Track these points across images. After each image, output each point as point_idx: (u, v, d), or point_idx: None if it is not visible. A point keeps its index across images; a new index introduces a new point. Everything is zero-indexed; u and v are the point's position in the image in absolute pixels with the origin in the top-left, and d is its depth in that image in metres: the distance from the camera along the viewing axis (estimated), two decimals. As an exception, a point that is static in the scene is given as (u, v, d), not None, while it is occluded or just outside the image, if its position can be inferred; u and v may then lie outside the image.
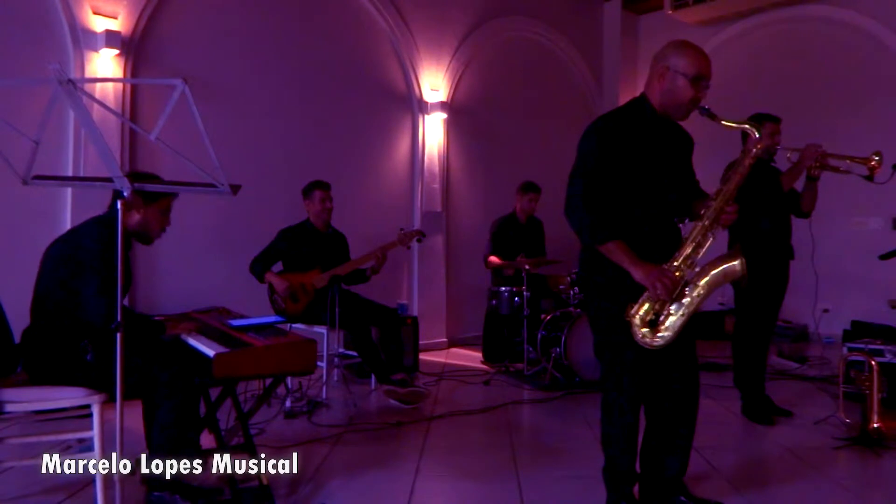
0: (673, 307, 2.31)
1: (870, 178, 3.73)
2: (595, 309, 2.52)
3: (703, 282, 2.34)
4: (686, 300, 2.32)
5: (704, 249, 2.36)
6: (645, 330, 2.32)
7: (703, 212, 2.39)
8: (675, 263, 2.33)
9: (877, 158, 3.67)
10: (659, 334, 2.31)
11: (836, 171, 3.85)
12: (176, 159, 1.96)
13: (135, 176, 2.42)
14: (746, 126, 2.43)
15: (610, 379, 2.46)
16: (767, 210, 3.80)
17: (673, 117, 2.46)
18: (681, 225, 2.49)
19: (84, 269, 2.49)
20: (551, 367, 4.83)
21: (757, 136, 2.41)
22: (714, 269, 2.36)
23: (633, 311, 2.33)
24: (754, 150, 2.42)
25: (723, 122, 2.43)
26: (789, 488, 2.88)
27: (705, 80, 2.37)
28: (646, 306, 2.32)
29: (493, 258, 5.51)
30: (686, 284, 2.32)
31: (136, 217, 2.67)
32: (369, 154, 6.09)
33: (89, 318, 2.47)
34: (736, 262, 2.35)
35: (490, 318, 5.71)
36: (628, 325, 2.37)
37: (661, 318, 2.32)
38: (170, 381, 2.46)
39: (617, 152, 2.34)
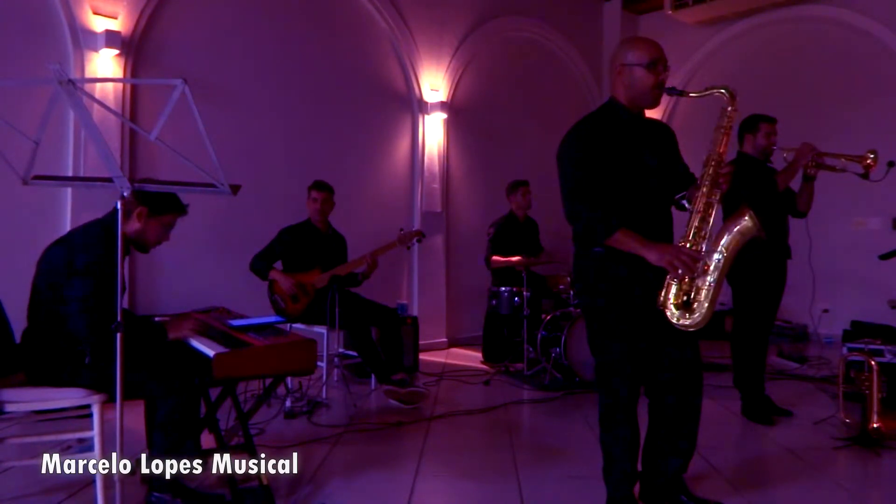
0: (700, 282, 2.31)
1: (865, 176, 3.73)
2: (589, 309, 2.52)
3: (720, 247, 2.34)
4: (710, 270, 2.32)
5: (712, 218, 2.36)
6: (679, 313, 2.32)
7: (699, 182, 2.41)
8: (688, 240, 2.34)
9: (872, 156, 3.68)
10: (695, 314, 2.31)
11: (832, 169, 3.85)
12: (176, 159, 1.96)
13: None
14: (714, 91, 2.45)
15: (606, 378, 2.47)
16: (763, 210, 3.79)
17: (645, 107, 2.50)
18: (685, 202, 2.48)
19: (73, 279, 2.44)
20: (551, 367, 4.83)
21: (727, 95, 2.43)
22: (727, 232, 2.37)
23: (662, 298, 2.33)
24: (729, 108, 2.44)
25: (691, 95, 2.51)
26: (789, 488, 2.88)
27: (661, 64, 2.41)
28: (673, 289, 2.32)
29: (496, 258, 5.49)
30: (705, 256, 2.32)
31: (135, 225, 2.62)
32: (369, 154, 6.09)
33: (73, 329, 2.44)
34: (745, 218, 2.35)
35: (490, 318, 5.71)
36: (622, 325, 2.38)
37: (693, 296, 2.32)
38: (170, 381, 2.45)
39: (596, 153, 2.37)
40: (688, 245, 2.33)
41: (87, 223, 2.67)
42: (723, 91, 2.43)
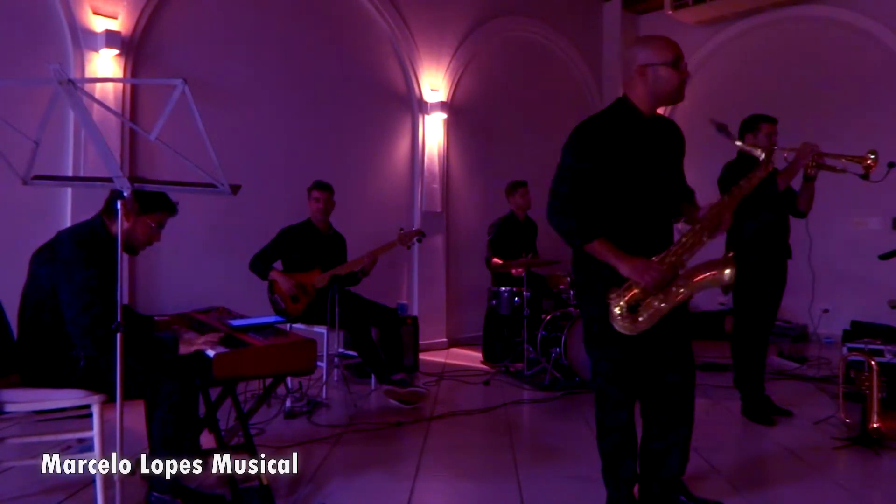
0: (655, 300, 2.32)
1: (865, 176, 3.73)
2: (586, 309, 2.52)
3: (690, 281, 2.35)
4: (670, 295, 2.33)
5: (695, 251, 2.38)
6: (624, 314, 2.33)
7: (700, 215, 2.43)
8: (667, 259, 2.34)
9: (872, 157, 3.68)
10: (636, 323, 2.32)
11: (832, 170, 3.85)
12: (176, 159, 1.96)
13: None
14: (757, 151, 2.58)
15: (601, 379, 2.47)
16: (764, 210, 3.80)
17: (670, 104, 2.53)
18: (676, 225, 2.51)
19: (62, 286, 2.39)
20: (551, 367, 4.83)
21: (762, 158, 2.51)
22: (704, 272, 2.37)
23: (614, 295, 2.33)
24: (758, 174, 2.52)
25: (737, 144, 2.64)
26: (789, 488, 2.88)
27: (682, 61, 2.42)
28: (632, 291, 2.33)
29: (496, 260, 5.50)
30: (674, 279, 2.33)
31: (124, 224, 2.48)
32: (369, 154, 6.09)
33: (72, 336, 2.41)
34: (727, 272, 2.35)
35: (490, 318, 5.71)
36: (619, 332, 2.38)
37: (643, 306, 2.33)
38: (169, 381, 2.45)
39: (600, 154, 2.36)
40: (664, 265, 2.33)
41: (74, 226, 2.64)
42: (762, 155, 2.53)
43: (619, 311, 2.32)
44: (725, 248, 3.77)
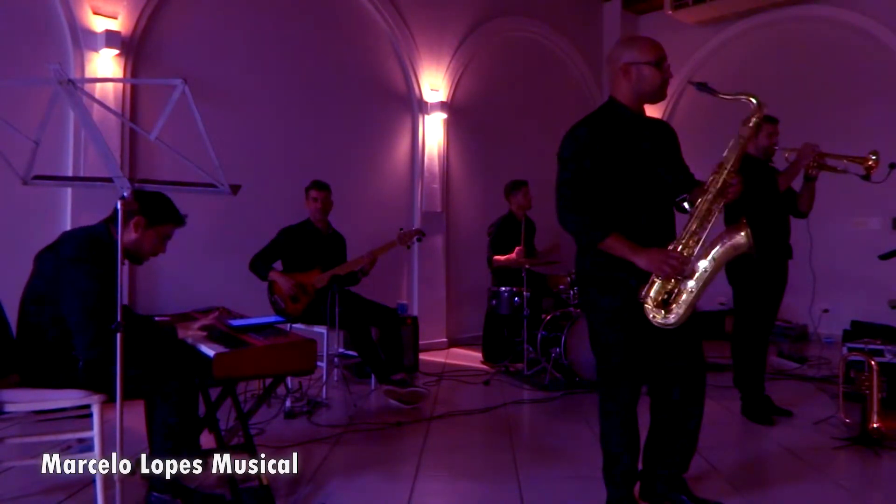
0: (683, 285, 2.33)
1: (867, 177, 3.74)
2: (591, 307, 2.52)
3: (710, 256, 2.36)
4: (696, 277, 2.33)
5: (710, 225, 2.38)
6: (658, 310, 2.33)
7: (706, 186, 2.41)
8: (682, 241, 2.35)
9: (874, 158, 3.68)
10: (672, 314, 2.33)
11: (833, 170, 3.86)
12: (176, 159, 1.96)
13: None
14: (742, 97, 2.46)
15: (607, 376, 2.47)
16: (765, 210, 3.80)
17: (653, 102, 2.54)
18: (685, 205, 2.50)
19: (66, 297, 2.38)
20: (551, 367, 4.83)
21: (754, 104, 2.44)
22: (720, 243, 2.38)
23: (644, 293, 2.34)
24: (754, 118, 2.45)
25: (721, 96, 2.50)
26: (789, 488, 2.88)
27: (665, 62, 2.45)
28: (656, 286, 2.33)
29: (498, 257, 5.49)
30: (694, 260, 2.33)
31: (131, 236, 2.54)
32: (369, 154, 6.09)
33: (75, 347, 2.40)
34: (741, 234, 2.36)
35: (490, 318, 5.71)
36: (624, 323, 2.38)
37: (673, 296, 2.33)
38: (169, 381, 2.45)
39: (596, 154, 2.37)
40: (680, 247, 2.34)
41: (78, 230, 2.63)
42: (752, 100, 2.44)
43: (652, 308, 2.33)
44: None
